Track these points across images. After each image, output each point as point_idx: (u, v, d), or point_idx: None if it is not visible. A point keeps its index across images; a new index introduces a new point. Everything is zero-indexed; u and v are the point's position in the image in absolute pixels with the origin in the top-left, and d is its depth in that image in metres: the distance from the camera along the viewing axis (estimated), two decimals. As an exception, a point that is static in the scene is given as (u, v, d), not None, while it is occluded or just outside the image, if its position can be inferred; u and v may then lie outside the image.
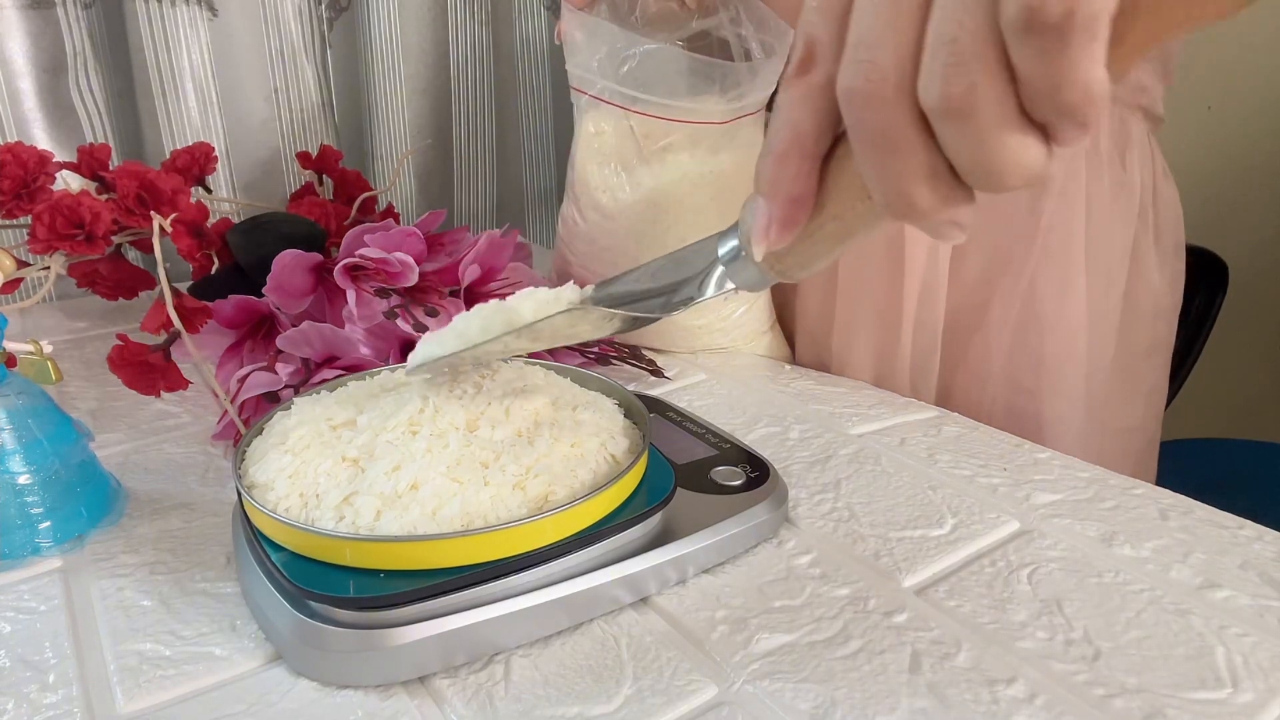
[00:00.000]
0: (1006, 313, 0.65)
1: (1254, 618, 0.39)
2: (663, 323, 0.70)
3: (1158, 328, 0.70)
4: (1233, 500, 0.49)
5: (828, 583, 0.42)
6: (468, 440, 0.39)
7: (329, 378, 0.51)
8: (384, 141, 0.92)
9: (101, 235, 0.59)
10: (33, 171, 0.62)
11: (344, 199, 0.79)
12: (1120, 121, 0.64)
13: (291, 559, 0.37)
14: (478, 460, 0.38)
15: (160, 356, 0.54)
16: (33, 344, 0.46)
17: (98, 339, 0.72)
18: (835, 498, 0.49)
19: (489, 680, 0.36)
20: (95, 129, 0.81)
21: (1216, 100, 1.32)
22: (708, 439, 0.51)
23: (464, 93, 0.94)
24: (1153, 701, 0.35)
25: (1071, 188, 0.62)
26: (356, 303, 0.55)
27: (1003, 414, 0.67)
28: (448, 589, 0.36)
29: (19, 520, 0.43)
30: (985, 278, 0.65)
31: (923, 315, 0.66)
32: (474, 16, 0.92)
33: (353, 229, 0.58)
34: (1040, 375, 0.65)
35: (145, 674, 0.36)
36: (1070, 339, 0.64)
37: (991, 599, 0.41)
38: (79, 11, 0.78)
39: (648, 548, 0.41)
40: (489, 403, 0.41)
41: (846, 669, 0.36)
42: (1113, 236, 0.64)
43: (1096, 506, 0.48)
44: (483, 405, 0.41)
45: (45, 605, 0.40)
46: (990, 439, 0.56)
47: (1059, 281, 0.63)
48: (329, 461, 0.39)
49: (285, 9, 0.84)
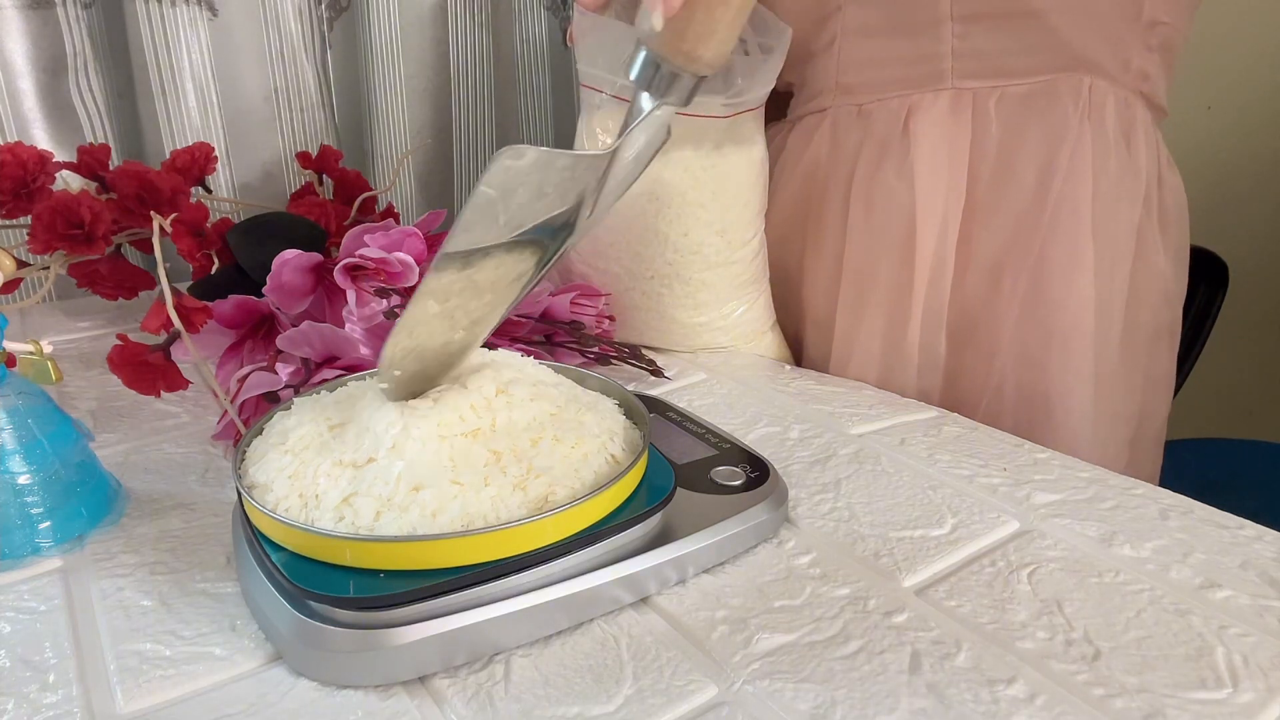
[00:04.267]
0: (1015, 289, 0.65)
1: (1254, 618, 0.39)
2: (663, 322, 0.70)
3: (1163, 313, 0.70)
4: (1233, 500, 0.49)
5: (828, 583, 0.42)
6: (468, 441, 0.39)
7: (329, 378, 0.51)
8: (384, 141, 0.92)
9: (101, 235, 0.59)
10: (33, 171, 0.62)
11: (344, 199, 0.79)
12: (1125, 105, 0.64)
13: (291, 559, 0.37)
14: (479, 461, 0.38)
15: (160, 356, 0.54)
16: (33, 344, 0.46)
17: (98, 339, 0.72)
18: (835, 498, 0.49)
19: (489, 680, 0.36)
20: (95, 129, 0.81)
21: (1216, 100, 1.32)
22: (708, 439, 0.51)
23: (464, 93, 0.94)
24: (1153, 701, 0.35)
25: (1078, 167, 0.63)
26: (356, 303, 0.55)
27: (1011, 390, 0.67)
28: (448, 589, 0.36)
29: (19, 520, 0.43)
30: (994, 255, 0.66)
31: (931, 293, 0.67)
32: (474, 17, 0.92)
33: (353, 229, 0.58)
34: (1049, 350, 0.65)
35: (145, 674, 0.36)
36: (1079, 314, 0.64)
37: (991, 599, 0.41)
38: (79, 11, 0.78)
39: (648, 548, 0.41)
40: (490, 404, 0.41)
41: (846, 669, 0.36)
42: (1119, 215, 0.65)
43: (1096, 506, 0.48)
44: (484, 406, 0.41)
45: (45, 605, 0.40)
46: (990, 439, 0.56)
47: (1067, 258, 0.64)
48: (328, 462, 0.39)
49: (285, 9, 0.84)
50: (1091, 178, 0.63)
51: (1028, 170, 0.64)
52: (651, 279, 0.68)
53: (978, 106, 0.64)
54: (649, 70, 0.38)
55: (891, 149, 0.66)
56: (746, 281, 0.70)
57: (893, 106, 0.67)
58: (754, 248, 0.70)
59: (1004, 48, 0.63)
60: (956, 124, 0.65)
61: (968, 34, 0.63)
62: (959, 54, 0.64)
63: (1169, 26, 0.64)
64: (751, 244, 0.69)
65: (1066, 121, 0.63)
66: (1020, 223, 0.65)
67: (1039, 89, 0.63)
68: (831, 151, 0.71)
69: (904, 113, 0.66)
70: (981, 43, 0.63)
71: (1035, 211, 0.64)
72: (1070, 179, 0.63)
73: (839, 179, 0.70)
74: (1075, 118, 0.63)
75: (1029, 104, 0.64)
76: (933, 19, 0.64)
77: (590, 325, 0.66)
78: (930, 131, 0.65)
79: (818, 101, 0.72)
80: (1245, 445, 1.12)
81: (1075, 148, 0.63)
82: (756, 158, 0.68)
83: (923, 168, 0.65)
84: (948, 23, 0.63)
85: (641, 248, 0.68)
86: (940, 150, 0.65)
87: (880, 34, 0.66)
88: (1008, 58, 0.63)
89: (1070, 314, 0.64)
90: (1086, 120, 0.63)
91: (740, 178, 0.67)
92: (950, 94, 0.65)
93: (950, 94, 0.65)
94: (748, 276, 0.70)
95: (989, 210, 0.65)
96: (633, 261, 0.68)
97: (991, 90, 0.64)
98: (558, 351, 0.64)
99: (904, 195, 0.66)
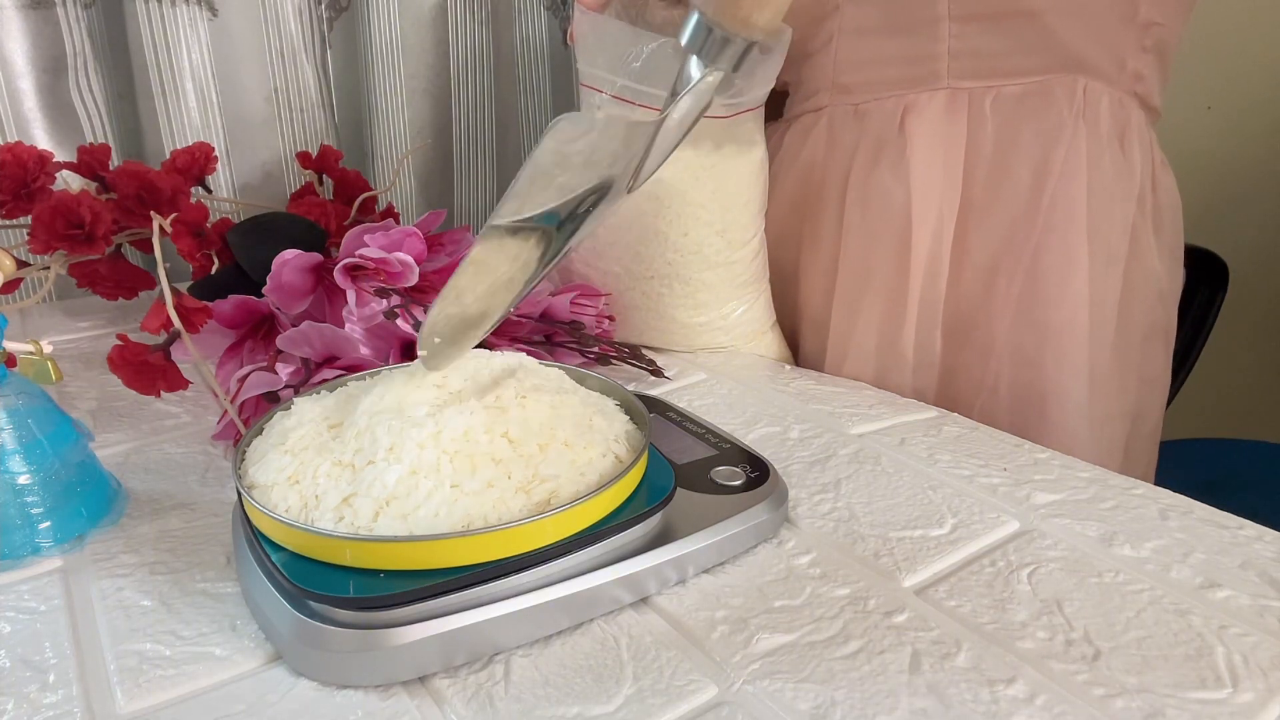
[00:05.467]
0: (1010, 288, 0.66)
1: (1254, 618, 0.39)
2: (662, 322, 0.70)
3: (1157, 312, 0.71)
4: (1232, 500, 0.49)
5: (828, 583, 0.42)
6: (469, 442, 0.39)
7: (329, 378, 0.51)
8: (384, 141, 0.92)
9: (101, 235, 0.59)
10: (33, 171, 0.62)
11: (344, 199, 0.79)
12: (1119, 105, 0.64)
13: (291, 559, 0.37)
14: (479, 462, 0.38)
15: (160, 356, 0.54)
16: (33, 344, 0.46)
17: (98, 339, 0.72)
18: (835, 498, 0.49)
19: (489, 680, 0.36)
20: (95, 129, 0.81)
21: (1216, 101, 1.32)
22: (708, 439, 0.51)
23: (464, 93, 0.94)
24: (1153, 701, 0.35)
25: (1073, 167, 0.63)
26: (356, 303, 0.55)
27: (1006, 389, 0.67)
28: (448, 589, 0.36)
29: (19, 520, 0.43)
30: (989, 254, 0.66)
31: (926, 292, 0.67)
32: (474, 16, 0.92)
33: (353, 229, 0.58)
34: (1044, 349, 0.65)
35: (145, 674, 0.36)
36: (1074, 311, 0.64)
37: (991, 599, 0.41)
38: (79, 11, 0.78)
39: (648, 548, 0.41)
40: (490, 404, 0.41)
41: (846, 669, 0.36)
42: (1113, 214, 0.65)
43: (1096, 506, 0.48)
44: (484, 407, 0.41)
45: (45, 605, 0.40)
46: (990, 439, 0.56)
47: (1062, 257, 0.64)
48: (328, 462, 0.39)
49: (285, 9, 0.84)
50: (1086, 178, 0.64)
51: (1023, 170, 0.64)
52: (651, 279, 0.68)
53: (973, 106, 0.65)
54: (700, 34, 0.40)
55: (887, 148, 0.67)
56: (746, 281, 0.70)
57: (889, 106, 0.67)
58: (754, 247, 0.70)
59: (1000, 48, 0.63)
60: (952, 124, 0.65)
61: (964, 34, 0.63)
62: (955, 54, 0.64)
63: (1163, 27, 0.64)
64: (751, 244, 0.69)
65: (1061, 122, 0.63)
66: (1015, 222, 0.65)
67: (1034, 89, 0.64)
68: (828, 151, 0.71)
69: (900, 112, 0.66)
70: (977, 43, 0.63)
71: (1030, 211, 0.64)
72: (1065, 179, 0.63)
73: (835, 178, 0.70)
74: (1070, 118, 0.63)
75: (1024, 104, 0.64)
76: (929, 19, 0.64)
77: (590, 325, 0.66)
78: (926, 131, 0.65)
79: (814, 101, 0.72)
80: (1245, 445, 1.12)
81: (1070, 148, 0.63)
82: (756, 157, 0.68)
83: (918, 167, 0.65)
84: (944, 22, 0.64)
85: (641, 247, 0.68)
86: (936, 150, 0.65)
87: (877, 34, 0.67)
88: (1003, 58, 0.63)
89: (1065, 313, 0.65)
90: (1081, 120, 0.63)
91: (740, 177, 0.67)
92: (946, 94, 0.65)
93: (946, 94, 0.65)
94: (748, 276, 0.70)
95: (984, 210, 0.65)
96: (633, 261, 0.68)
97: (987, 90, 0.64)
98: (558, 351, 0.64)
99: (900, 194, 0.66)
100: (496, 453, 0.39)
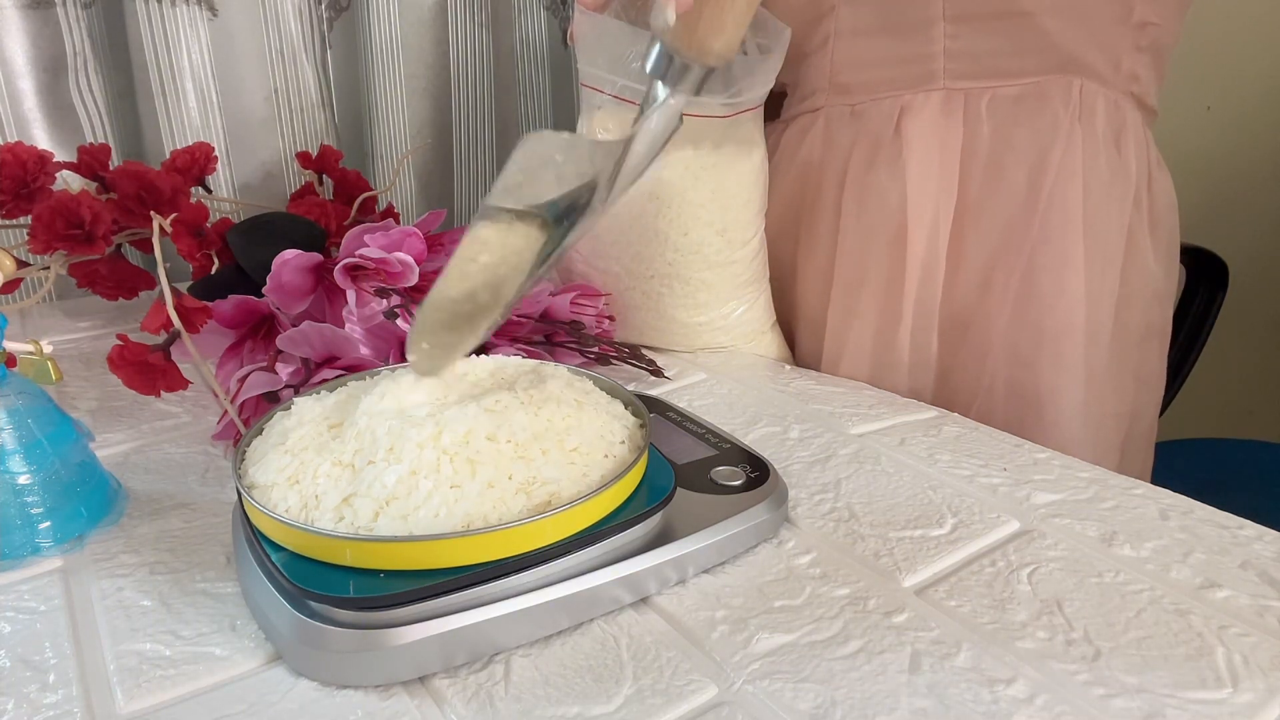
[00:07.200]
0: (1006, 288, 0.66)
1: (1254, 618, 0.39)
2: (662, 322, 0.70)
3: (1153, 312, 0.71)
4: (1233, 500, 0.49)
5: (828, 583, 0.42)
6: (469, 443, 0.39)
7: (329, 378, 0.51)
8: (384, 141, 0.92)
9: (101, 235, 0.59)
10: (33, 171, 0.62)
11: (344, 199, 0.79)
12: (1115, 106, 0.65)
13: (291, 559, 0.37)
14: (480, 463, 0.38)
15: (160, 356, 0.54)
16: (33, 344, 0.46)
17: (98, 339, 0.72)
18: (835, 498, 0.49)
19: (489, 680, 0.36)
20: (95, 129, 0.81)
21: (1216, 101, 1.32)
22: (708, 439, 0.51)
23: (464, 93, 0.94)
24: (1153, 701, 0.35)
25: (1069, 167, 0.64)
26: (356, 303, 0.55)
27: (1003, 388, 0.67)
28: (448, 589, 0.36)
29: (19, 520, 0.43)
30: (985, 255, 0.66)
31: (922, 293, 0.67)
32: (474, 17, 0.92)
33: (353, 229, 0.58)
34: (1040, 348, 0.65)
35: (145, 674, 0.36)
36: (1069, 312, 0.65)
37: (991, 599, 0.41)
38: (79, 11, 0.78)
39: (648, 548, 0.41)
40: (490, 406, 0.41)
41: (846, 669, 0.36)
42: (1109, 215, 0.65)
43: (1096, 506, 0.48)
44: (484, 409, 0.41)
45: (45, 605, 0.40)
46: (990, 439, 0.56)
47: (1058, 256, 0.64)
48: (328, 462, 0.39)
49: (285, 9, 0.84)
50: (1082, 178, 0.64)
51: (1019, 171, 0.64)
52: (651, 279, 0.68)
53: (969, 107, 0.65)
54: (663, 62, 0.42)
55: (884, 149, 0.67)
56: (746, 281, 0.70)
57: (885, 107, 0.67)
58: (754, 247, 0.70)
59: (995, 49, 0.63)
60: (948, 124, 0.65)
61: (959, 35, 0.63)
62: (951, 54, 0.64)
63: (1159, 28, 0.64)
64: (751, 244, 0.69)
65: (1057, 123, 0.63)
66: (1011, 223, 0.65)
67: (1030, 90, 0.64)
68: (824, 151, 0.71)
69: (896, 113, 0.66)
70: (973, 44, 0.63)
71: (1026, 212, 0.64)
72: (1061, 180, 0.64)
73: (832, 179, 0.70)
74: (1066, 119, 0.63)
75: (1020, 105, 0.64)
76: (925, 20, 0.64)
77: (590, 325, 0.66)
78: (922, 132, 0.65)
79: (811, 101, 0.72)
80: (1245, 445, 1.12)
81: (1066, 148, 0.63)
82: (756, 157, 0.68)
83: (914, 168, 0.65)
84: (940, 23, 0.64)
85: (641, 247, 0.68)
86: (932, 150, 0.65)
87: (873, 34, 0.67)
88: (999, 59, 0.64)
89: (1061, 313, 0.65)
90: (1077, 121, 0.63)
91: (740, 177, 0.67)
92: (942, 94, 0.65)
93: (942, 94, 0.65)
94: (748, 276, 0.70)
95: (980, 210, 0.66)
96: (633, 261, 0.68)
97: (983, 91, 0.64)
98: (558, 351, 0.64)
99: (896, 195, 0.66)
100: (497, 453, 0.39)
